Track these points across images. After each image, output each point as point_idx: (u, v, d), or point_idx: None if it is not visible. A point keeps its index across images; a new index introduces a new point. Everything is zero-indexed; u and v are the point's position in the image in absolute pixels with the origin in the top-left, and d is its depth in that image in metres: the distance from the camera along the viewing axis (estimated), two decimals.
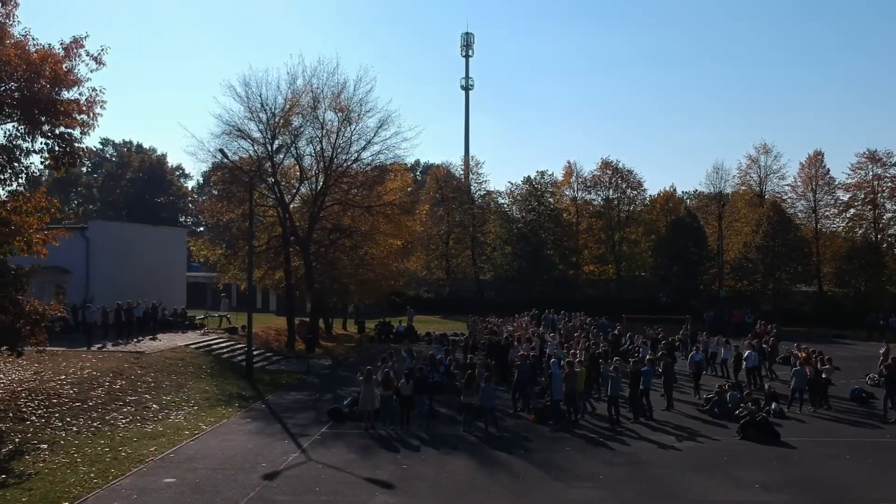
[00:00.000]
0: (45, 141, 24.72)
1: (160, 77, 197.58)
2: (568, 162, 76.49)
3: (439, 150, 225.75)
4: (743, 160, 75.37)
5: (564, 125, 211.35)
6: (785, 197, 70.85)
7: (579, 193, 75.44)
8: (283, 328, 45.19)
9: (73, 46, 24.07)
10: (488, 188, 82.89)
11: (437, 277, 77.98)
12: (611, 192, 74.34)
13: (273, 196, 43.18)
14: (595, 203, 75.50)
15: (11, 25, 23.06)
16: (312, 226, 44.35)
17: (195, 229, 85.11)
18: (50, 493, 16.63)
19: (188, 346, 35.90)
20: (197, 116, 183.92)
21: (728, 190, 74.82)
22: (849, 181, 67.88)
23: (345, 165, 45.07)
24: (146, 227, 58.39)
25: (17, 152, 23.78)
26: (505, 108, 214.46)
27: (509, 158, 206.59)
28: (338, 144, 44.20)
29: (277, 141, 42.57)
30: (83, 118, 24.71)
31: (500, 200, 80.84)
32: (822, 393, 26.64)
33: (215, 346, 37.57)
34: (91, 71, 24.35)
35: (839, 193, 69.02)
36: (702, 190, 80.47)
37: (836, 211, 69.44)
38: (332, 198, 45.47)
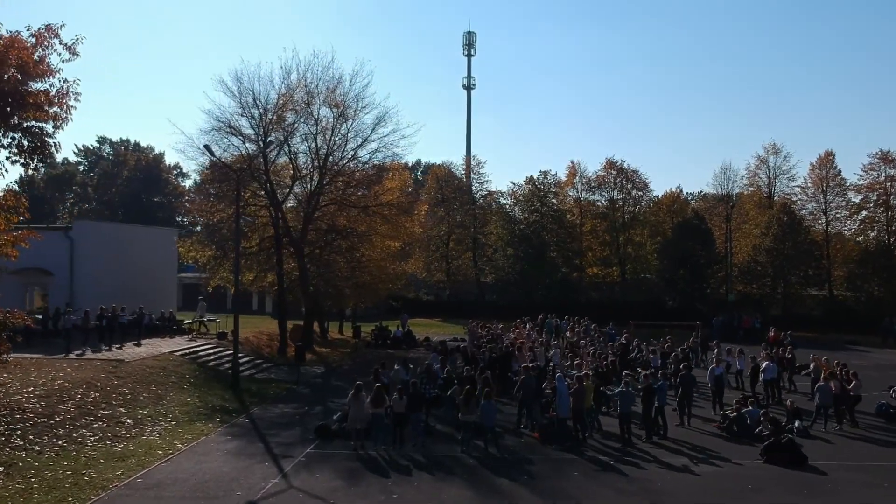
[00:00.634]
0: (14, 135, 22.99)
1: (160, 76, 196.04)
2: (571, 162, 74.64)
3: (440, 150, 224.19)
4: (751, 160, 73.66)
5: (568, 125, 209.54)
6: (795, 198, 69.04)
7: (583, 194, 73.95)
8: (276, 333, 43.36)
9: (46, 34, 22.23)
10: (490, 188, 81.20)
11: (437, 279, 76.19)
12: (615, 192, 72.76)
13: (265, 195, 41.31)
14: (599, 204, 73.91)
15: None
16: (307, 226, 42.57)
17: (192, 229, 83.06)
18: None
19: (173, 352, 34.05)
20: (196, 115, 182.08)
21: (736, 191, 73.09)
22: (861, 182, 65.93)
23: (341, 164, 43.30)
24: (135, 227, 56.54)
25: None
26: (507, 108, 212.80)
27: (511, 158, 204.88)
28: (333, 142, 42.44)
29: (270, 138, 40.75)
30: (55, 111, 22.93)
31: (502, 201, 79.10)
32: (851, 411, 24.76)
33: (202, 353, 35.72)
34: (63, 61, 22.56)
35: (851, 195, 67.22)
36: (709, 191, 78.69)
37: (848, 213, 67.56)
38: (328, 197, 43.65)
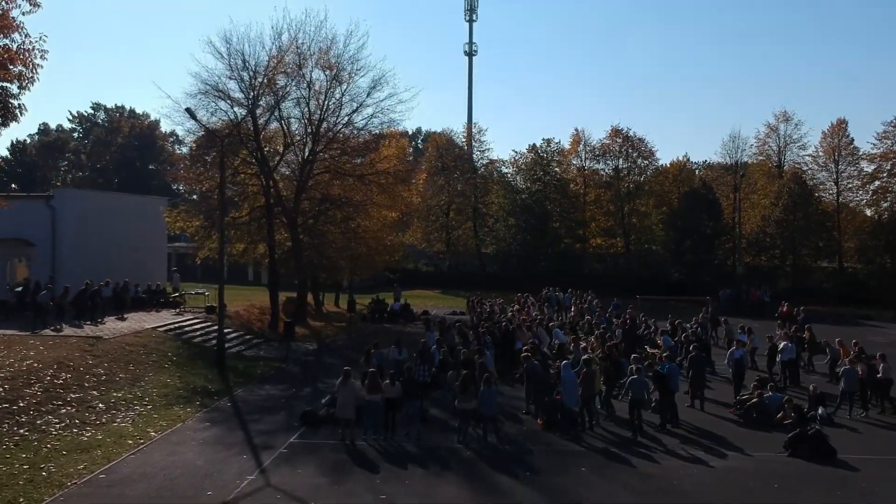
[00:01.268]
0: None
1: (158, 42, 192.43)
2: (575, 129, 72.52)
3: (441, 117, 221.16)
4: (761, 129, 71.29)
5: (572, 93, 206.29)
6: (805, 168, 66.98)
7: (587, 163, 71.97)
8: (269, 306, 41.53)
9: None
10: (491, 157, 79.17)
11: (436, 250, 74.41)
12: (620, 161, 70.77)
13: (255, 162, 39.34)
14: (603, 173, 71.90)
15: None
16: (299, 196, 40.67)
17: (188, 197, 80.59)
18: None
19: (156, 328, 32.34)
20: (186, 80, 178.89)
21: (745, 160, 70.98)
22: (874, 151, 63.80)
23: (335, 130, 41.30)
24: (121, 196, 54.68)
25: None
26: (510, 75, 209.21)
27: (514, 127, 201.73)
28: (327, 107, 40.40)
29: (261, 102, 38.76)
30: (20, 70, 21.09)
31: (504, 170, 76.95)
32: (884, 396, 23.06)
33: (188, 329, 34.01)
34: (24, 13, 20.71)
35: (863, 164, 65.15)
36: (717, 160, 76.63)
37: (860, 183, 65.46)
38: (321, 165, 41.73)
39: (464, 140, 78.28)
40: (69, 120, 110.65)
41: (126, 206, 46.71)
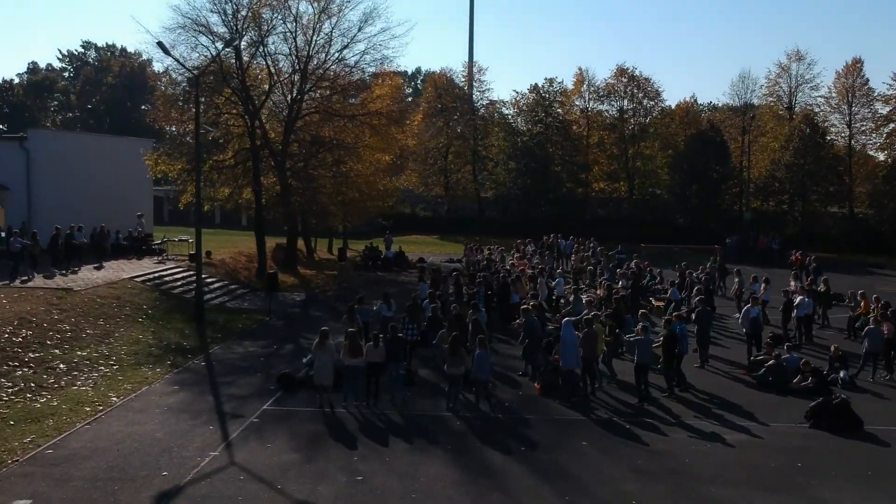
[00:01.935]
0: None
1: None
2: (579, 69, 70.05)
3: (441, 57, 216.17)
4: (772, 68, 68.41)
5: (576, 30, 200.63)
6: (817, 110, 64.36)
7: (591, 104, 69.41)
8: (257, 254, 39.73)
9: None
10: (491, 98, 76.27)
11: (434, 194, 72.25)
12: (625, 102, 68.22)
13: (240, 101, 37.05)
14: (607, 114, 69.29)
15: None
16: (288, 137, 38.53)
17: (175, 139, 77.46)
18: None
19: (133, 278, 30.57)
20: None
21: (755, 101, 68.38)
22: (889, 93, 61.14)
23: (324, 67, 38.97)
24: (100, 138, 52.60)
25: None
26: (512, 11, 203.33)
27: (515, 66, 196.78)
28: (315, 42, 38.04)
29: (245, 37, 36.37)
30: None
31: (505, 111, 74.22)
32: None
33: (168, 279, 32.26)
34: None
35: (878, 106, 62.54)
36: (726, 101, 73.92)
37: (874, 125, 62.94)
38: (311, 105, 39.52)
39: (463, 80, 75.42)
40: (58, 59, 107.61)
41: (106, 148, 44.59)
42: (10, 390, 18.04)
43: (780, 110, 66.91)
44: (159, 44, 28.29)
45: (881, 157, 63.87)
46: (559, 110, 67.97)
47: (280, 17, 37.17)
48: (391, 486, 13.28)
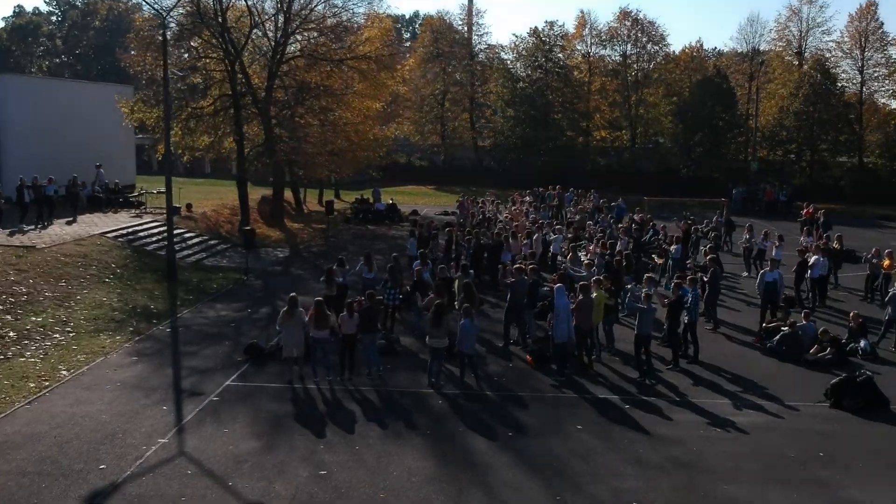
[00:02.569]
0: None
1: None
2: (581, 11, 67.22)
3: (439, 1, 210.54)
4: (783, 11, 65.64)
5: None
6: (828, 55, 61.74)
7: (592, 48, 66.88)
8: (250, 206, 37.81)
9: None
10: (489, 42, 73.60)
11: (431, 143, 69.94)
12: (629, 46, 65.69)
13: (219, 44, 34.79)
14: (610, 59, 66.71)
15: None
16: (272, 83, 36.38)
17: (179, 86, 74.69)
18: None
19: (105, 234, 28.73)
20: None
21: (763, 47, 65.78)
22: None
23: (309, 8, 36.65)
24: (74, 84, 50.10)
25: None
26: None
27: (515, 8, 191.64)
28: None
29: None
30: None
31: (503, 56, 71.50)
32: None
33: (142, 234, 30.43)
34: None
35: (892, 51, 60.12)
36: (733, 47, 71.25)
37: (887, 72, 60.46)
38: (295, 49, 37.34)
39: (461, 23, 72.53)
40: (46, 2, 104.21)
41: (81, 94, 42.14)
42: None
43: (788, 56, 64.38)
44: None
45: (894, 104, 61.69)
46: (560, 55, 65.35)
47: None
48: (358, 481, 11.65)
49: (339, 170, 41.11)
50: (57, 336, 18.77)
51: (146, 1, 31.73)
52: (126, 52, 36.64)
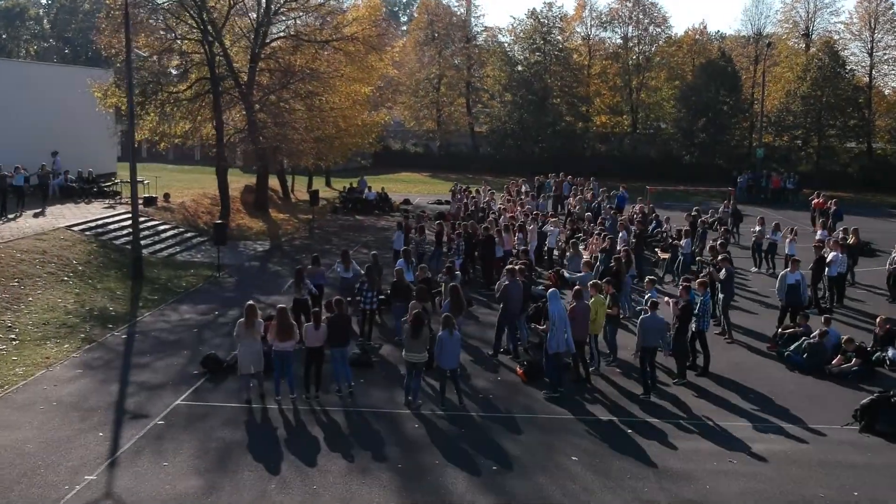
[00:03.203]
0: None
1: None
2: None
3: None
4: None
5: None
6: (836, 37, 59.59)
7: (592, 31, 65.10)
8: (231, 196, 35.89)
9: None
10: (485, 24, 71.45)
11: (426, 129, 67.91)
12: (630, 29, 63.78)
13: (197, 25, 32.76)
14: (610, 42, 64.80)
15: None
16: (254, 66, 34.39)
17: (171, 72, 72.61)
18: None
19: (71, 227, 26.82)
20: None
21: (769, 29, 63.70)
22: None
23: None
24: (45, 67, 48.11)
25: None
26: None
27: None
28: None
29: None
30: None
31: (501, 38, 69.41)
32: None
33: (113, 227, 28.50)
34: None
35: None
36: (738, 29, 69.17)
37: None
38: (278, 28, 35.39)
39: (457, 4, 70.35)
40: None
41: (52, 78, 40.07)
42: None
43: (795, 38, 62.27)
44: None
45: None
46: (559, 37, 63.24)
47: None
48: None
49: (325, 157, 39.07)
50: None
51: None
52: (96, 32, 34.45)
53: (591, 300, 15.61)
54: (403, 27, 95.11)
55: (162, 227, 30.49)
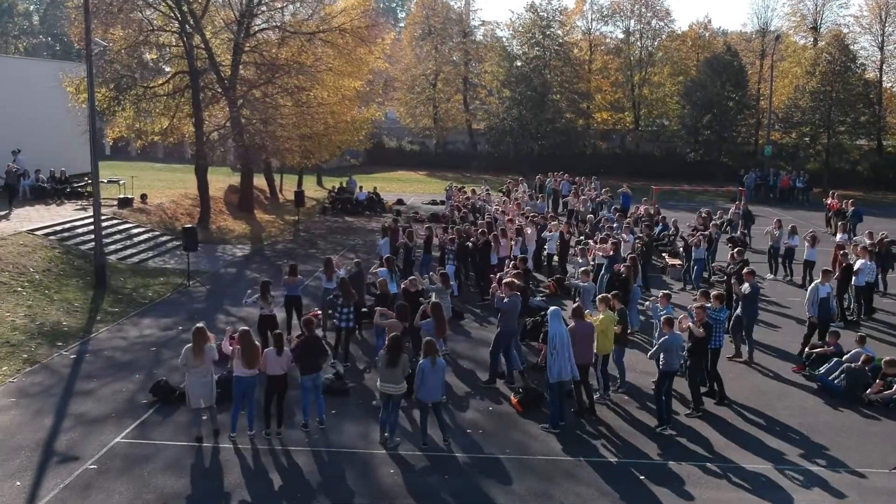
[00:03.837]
0: None
1: None
2: None
3: None
4: None
5: None
6: (846, 31, 57.70)
7: (593, 24, 63.38)
8: (209, 196, 33.91)
9: None
10: (483, 18, 69.64)
11: (423, 126, 65.99)
12: (632, 22, 62.08)
13: (174, 14, 30.81)
14: (612, 37, 63.05)
15: None
16: (237, 60, 32.49)
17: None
18: None
19: (34, 231, 24.87)
20: None
21: (776, 23, 61.90)
22: None
23: None
24: (20, 61, 46.12)
25: None
26: None
27: None
28: None
29: None
30: None
31: (499, 33, 67.53)
32: None
33: (81, 230, 26.55)
34: None
35: None
36: (743, 22, 67.48)
37: None
38: (262, 19, 33.49)
39: None
40: None
41: (23, 73, 38.00)
42: None
43: (803, 31, 60.38)
44: None
45: None
46: (558, 32, 61.22)
47: None
48: None
49: (312, 155, 37.13)
50: None
51: None
52: (67, 22, 32.61)
53: (600, 316, 13.67)
54: (401, 24, 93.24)
55: (135, 231, 28.57)
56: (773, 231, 24.01)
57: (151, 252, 27.05)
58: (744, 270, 16.66)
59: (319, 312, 18.09)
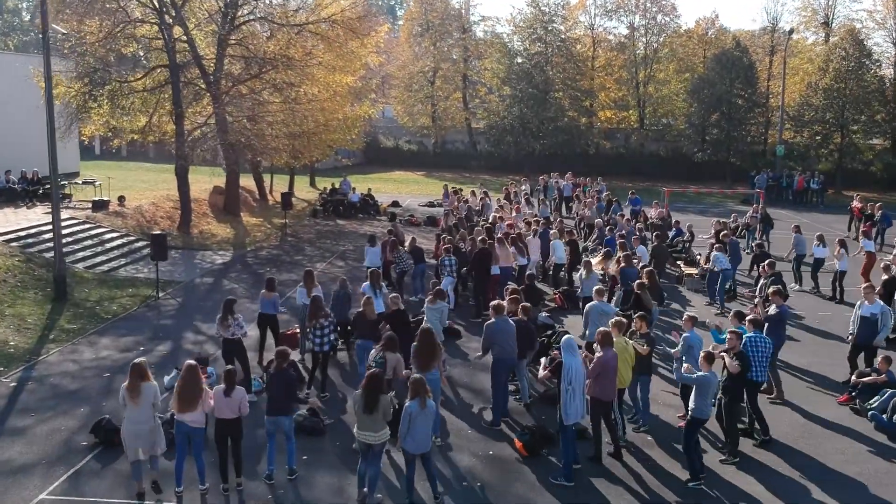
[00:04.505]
0: None
1: None
2: None
3: None
4: None
5: None
6: (859, 26, 55.65)
7: (597, 20, 61.56)
8: (194, 198, 31.92)
9: None
10: (482, 14, 67.74)
11: (421, 125, 63.97)
12: (636, 18, 60.25)
13: (152, 5, 28.81)
14: (616, 32, 61.18)
15: None
16: (222, 53, 30.47)
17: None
18: None
19: None
20: None
21: (787, 18, 59.98)
22: None
23: None
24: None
25: None
26: None
27: None
28: None
29: None
30: None
31: (500, 29, 65.63)
32: None
33: (48, 235, 24.43)
34: None
35: None
36: (752, 18, 65.71)
37: None
38: (247, 10, 31.49)
39: None
40: None
41: (7, 67, 36.03)
42: None
43: (814, 27, 58.41)
44: None
45: None
46: (561, 27, 59.32)
47: None
48: None
49: (301, 155, 35.14)
50: None
51: None
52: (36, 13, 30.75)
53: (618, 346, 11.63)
54: (399, 21, 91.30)
55: (109, 236, 26.52)
56: (806, 240, 21.89)
57: (124, 259, 24.98)
58: (770, 290, 14.47)
59: (298, 330, 16.15)
